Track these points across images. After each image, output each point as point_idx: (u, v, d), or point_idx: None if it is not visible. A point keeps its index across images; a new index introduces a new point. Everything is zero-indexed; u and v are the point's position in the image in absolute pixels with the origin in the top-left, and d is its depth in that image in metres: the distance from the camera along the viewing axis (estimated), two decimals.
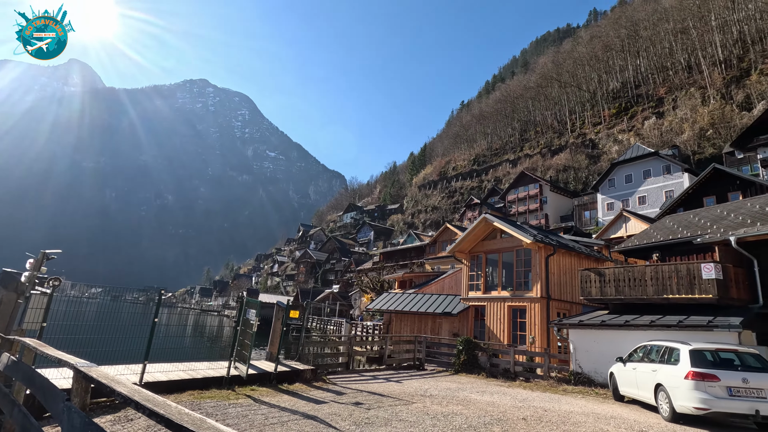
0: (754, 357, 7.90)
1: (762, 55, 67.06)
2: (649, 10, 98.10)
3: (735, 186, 29.99)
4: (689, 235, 13.98)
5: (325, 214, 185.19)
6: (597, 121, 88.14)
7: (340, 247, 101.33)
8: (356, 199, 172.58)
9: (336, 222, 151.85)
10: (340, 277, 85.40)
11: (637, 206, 49.29)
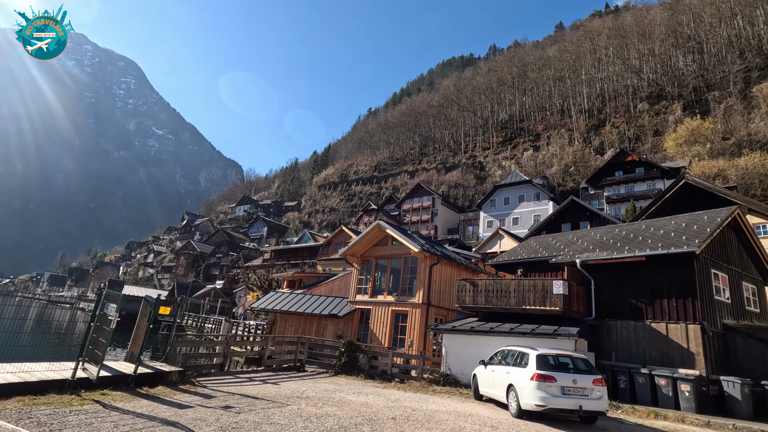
0: (583, 361, 9.47)
1: (615, 111, 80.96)
2: (537, 55, 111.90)
3: (586, 216, 35.40)
4: (546, 255, 16.19)
5: (216, 204, 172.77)
6: (486, 146, 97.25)
7: (228, 240, 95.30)
8: (252, 192, 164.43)
9: (227, 214, 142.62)
10: (226, 273, 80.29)
11: (512, 226, 55.43)
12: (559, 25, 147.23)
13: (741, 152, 51.47)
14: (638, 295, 13.39)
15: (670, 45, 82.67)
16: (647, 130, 70.81)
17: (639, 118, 74.48)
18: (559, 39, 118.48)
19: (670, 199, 22.98)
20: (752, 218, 20.89)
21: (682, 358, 12.03)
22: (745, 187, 44.83)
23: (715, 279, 13.19)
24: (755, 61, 68.75)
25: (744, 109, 61.27)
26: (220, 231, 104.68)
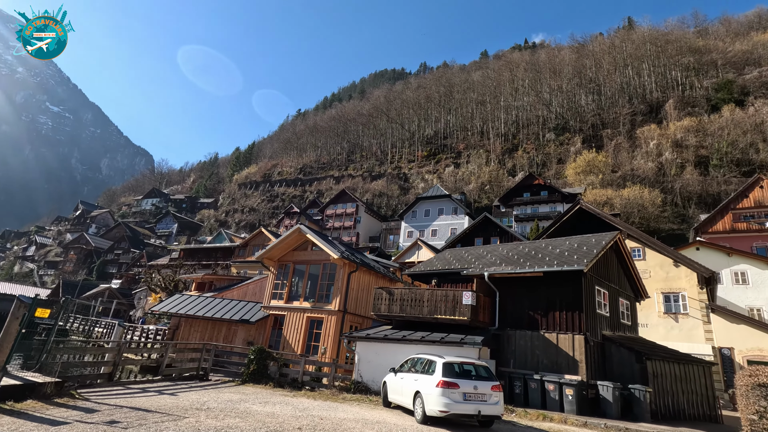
0: (484, 368, 10.13)
1: (527, 137, 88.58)
2: (463, 78, 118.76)
3: (496, 232, 38.02)
4: (459, 267, 17.11)
5: (119, 195, 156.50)
6: (412, 159, 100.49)
7: (131, 236, 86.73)
8: (163, 185, 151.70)
9: (132, 207, 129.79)
10: (125, 271, 72.84)
11: (430, 237, 57.68)
12: (484, 53, 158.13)
13: (625, 184, 59.22)
14: (536, 307, 14.69)
15: (575, 84, 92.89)
16: (552, 158, 78.44)
17: (546, 146, 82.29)
18: (483, 66, 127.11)
19: (567, 221, 25.65)
20: (630, 243, 24.07)
21: (569, 365, 13.41)
22: (627, 214, 51.58)
23: (598, 295, 14.95)
24: (640, 107, 79.90)
25: (629, 148, 70.71)
26: (121, 225, 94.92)
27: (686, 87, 79.73)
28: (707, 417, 15.02)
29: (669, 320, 22.36)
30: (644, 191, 54.53)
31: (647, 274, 23.06)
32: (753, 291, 26.69)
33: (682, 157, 63.57)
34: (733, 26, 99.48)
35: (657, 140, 67.67)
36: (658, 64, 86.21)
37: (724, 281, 27.17)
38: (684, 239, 44.17)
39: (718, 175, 58.58)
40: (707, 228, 37.75)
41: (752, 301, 26.53)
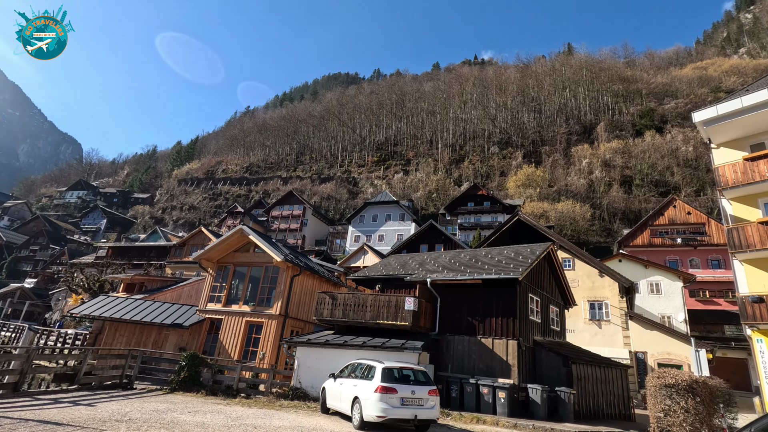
0: (422, 373, 10.33)
1: (473, 149, 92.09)
2: (415, 87, 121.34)
3: (441, 240, 39.04)
4: (403, 273, 17.35)
5: (39, 185, 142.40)
6: (362, 164, 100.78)
7: (50, 230, 79.08)
8: (92, 177, 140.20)
9: (54, 198, 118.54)
10: (42, 269, 66.25)
11: (377, 242, 58.01)
12: (436, 65, 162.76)
13: (560, 198, 63.30)
14: (474, 313, 15.23)
15: (519, 102, 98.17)
16: (496, 170, 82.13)
17: (490, 158, 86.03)
18: (434, 77, 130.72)
19: (507, 231, 26.94)
20: (562, 253, 25.72)
21: (502, 369, 14.01)
22: (560, 227, 55.08)
23: (531, 302, 15.81)
24: (575, 128, 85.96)
25: (565, 164, 75.76)
26: (39, 218, 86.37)
27: (615, 112, 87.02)
28: (623, 416, 16.33)
29: (593, 326, 24.12)
30: (576, 206, 58.59)
31: (576, 283, 24.74)
32: (665, 300, 29.52)
33: (609, 175, 69.14)
34: (656, 60, 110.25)
35: (589, 159, 73.10)
36: (592, 89, 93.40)
37: (642, 291, 29.81)
38: (609, 251, 47.94)
39: (639, 194, 64.34)
40: (629, 242, 41.27)
41: (664, 309, 29.32)
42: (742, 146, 17.37)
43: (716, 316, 34.35)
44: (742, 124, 16.87)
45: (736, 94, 17.78)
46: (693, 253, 38.58)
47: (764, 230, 15.27)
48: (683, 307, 29.04)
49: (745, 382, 28.75)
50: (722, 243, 35.65)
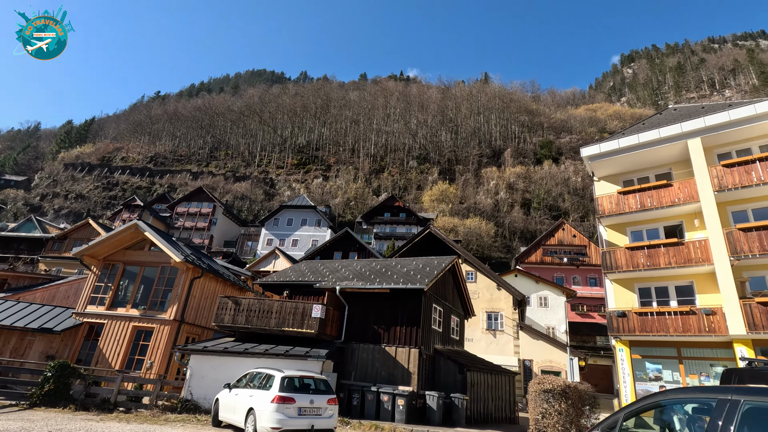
0: (323, 382, 10.20)
1: (393, 162, 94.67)
2: (341, 95, 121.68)
3: (355, 248, 39.21)
4: (313, 279, 17.09)
5: None
6: (281, 165, 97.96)
7: None
8: None
9: None
10: None
11: (290, 247, 56.54)
12: (363, 76, 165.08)
13: (469, 215, 67.58)
14: (380, 322, 15.48)
15: (439, 121, 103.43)
16: (413, 184, 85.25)
17: (409, 172, 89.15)
18: (361, 87, 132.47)
19: (418, 243, 27.98)
20: (466, 267, 27.39)
21: (403, 377, 14.39)
22: (467, 241, 58.71)
23: (435, 312, 16.53)
24: (486, 151, 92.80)
25: (475, 184, 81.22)
26: None
27: (521, 140, 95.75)
28: (508, 419, 17.71)
29: (489, 336, 25.94)
30: (483, 223, 63.01)
31: (477, 295, 26.46)
32: (551, 312, 32.85)
33: (512, 197, 75.61)
34: (556, 98, 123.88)
35: (496, 180, 79.29)
36: (503, 117, 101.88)
37: (532, 304, 32.85)
38: (508, 266, 52.20)
39: (536, 216, 71.21)
40: (525, 259, 45.33)
41: (549, 321, 32.60)
42: (617, 181, 20.14)
43: (591, 328, 39.09)
44: (617, 162, 19.58)
45: (615, 136, 20.63)
46: (576, 272, 43.58)
47: (630, 254, 17.79)
48: (565, 320, 32.57)
49: (610, 385, 32.99)
50: (599, 264, 40.83)
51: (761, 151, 16.55)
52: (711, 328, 14.99)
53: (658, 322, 16.19)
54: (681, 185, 17.26)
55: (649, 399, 3.47)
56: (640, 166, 19.47)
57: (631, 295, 17.78)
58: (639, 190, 18.29)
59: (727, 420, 2.59)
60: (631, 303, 17.57)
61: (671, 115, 21.00)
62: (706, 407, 2.91)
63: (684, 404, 3.55)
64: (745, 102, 18.28)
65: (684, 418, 3.56)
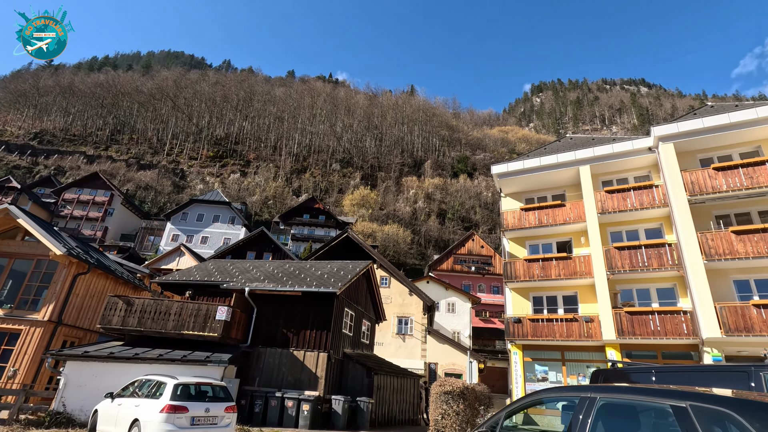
0: (222, 389, 9.61)
1: (316, 163, 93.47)
2: (266, 89, 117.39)
3: (270, 248, 37.83)
4: (220, 280, 16.12)
5: None
6: (194, 156, 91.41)
7: None
8: None
9: None
10: None
11: (199, 244, 52.86)
12: (291, 73, 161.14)
13: (388, 221, 69.02)
14: (290, 325, 15.07)
15: (364, 127, 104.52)
16: (335, 187, 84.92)
17: (331, 174, 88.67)
18: (288, 84, 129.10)
19: (336, 247, 27.84)
20: (381, 272, 27.87)
21: (310, 382, 14.14)
22: (384, 247, 59.87)
23: (346, 316, 16.54)
24: (408, 160, 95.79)
25: (395, 191, 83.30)
26: None
27: (441, 153, 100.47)
28: (412, 421, 18.27)
29: (399, 340, 26.62)
30: (400, 230, 64.75)
31: (389, 300, 27.03)
32: (457, 318, 34.72)
33: (430, 207, 78.87)
34: (474, 117, 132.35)
35: (415, 190, 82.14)
36: (425, 129, 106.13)
37: (441, 309, 34.42)
38: (422, 273, 54.17)
39: (450, 226, 75.03)
40: (437, 266, 47.43)
41: (455, 326, 34.42)
42: (521, 198, 22.02)
43: (492, 332, 42.02)
44: (522, 181, 21.42)
45: (521, 158, 22.56)
46: (482, 280, 46.64)
47: (527, 266, 19.51)
48: (469, 325, 34.64)
49: (506, 386, 35.70)
50: (501, 273, 44.18)
51: (635, 181, 19.24)
52: (589, 333, 16.97)
53: (547, 328, 17.91)
54: (572, 206, 19.38)
55: (524, 399, 3.81)
56: (541, 186, 21.50)
57: (527, 303, 19.48)
58: (538, 208, 20.16)
59: (586, 415, 2.94)
60: (526, 310, 19.23)
61: (568, 143, 23.55)
62: (572, 404, 3.24)
63: (557, 402, 3.92)
64: (625, 138, 21.15)
65: (560, 413, 3.95)
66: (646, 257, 16.80)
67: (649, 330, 15.79)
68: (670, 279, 16.72)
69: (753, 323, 13.84)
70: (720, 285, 15.34)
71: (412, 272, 54.36)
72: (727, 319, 14.16)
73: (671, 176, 16.98)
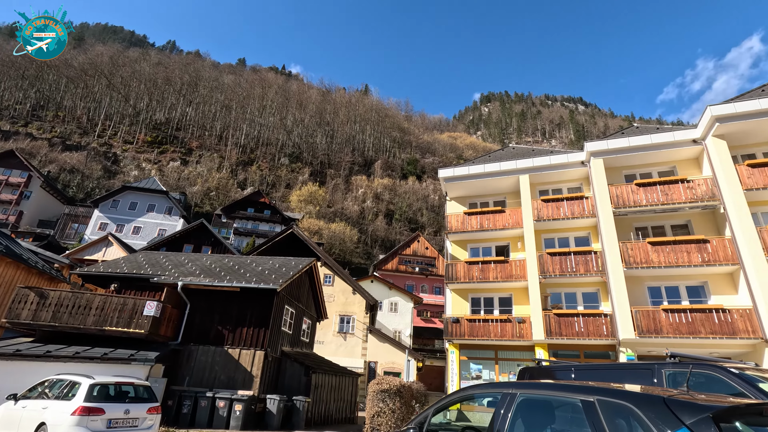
0: (145, 389, 9.00)
1: (264, 156, 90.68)
2: (214, 75, 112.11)
3: (210, 242, 36.12)
4: (151, 273, 15.13)
5: None
6: (130, 140, 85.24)
7: None
8: None
9: None
10: None
11: (131, 235, 49.39)
12: (242, 61, 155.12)
13: (335, 219, 68.52)
14: (226, 322, 14.47)
15: (316, 123, 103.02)
16: (283, 181, 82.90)
17: (279, 169, 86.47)
18: (238, 72, 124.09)
19: (280, 242, 27.16)
20: (325, 270, 27.59)
21: (244, 381, 13.66)
22: (330, 245, 59.37)
23: (286, 313, 16.17)
24: (358, 159, 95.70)
25: (344, 189, 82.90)
26: None
27: (391, 154, 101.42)
28: (348, 420, 18.23)
29: (340, 338, 26.49)
30: (347, 228, 64.54)
31: (332, 298, 26.82)
32: (400, 317, 35.18)
33: (378, 207, 79.33)
34: (426, 122, 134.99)
35: (364, 189, 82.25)
36: (377, 129, 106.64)
37: (384, 308, 34.71)
38: (367, 272, 54.32)
39: (397, 226, 75.93)
40: (382, 266, 47.79)
41: (397, 325, 34.87)
42: (465, 203, 22.74)
43: (432, 332, 43.05)
44: (467, 186, 22.14)
45: (467, 164, 23.32)
46: (425, 281, 47.65)
47: (467, 268, 20.18)
48: (411, 324, 35.24)
49: (443, 385, 36.73)
50: (443, 275, 45.45)
51: (569, 192, 20.57)
52: (521, 333, 17.88)
53: (483, 328, 18.64)
54: (511, 212, 20.33)
55: (451, 396, 3.92)
56: (484, 192, 22.35)
57: (466, 303, 20.15)
58: (480, 213, 20.94)
59: (507, 410, 3.07)
60: (464, 311, 19.89)
61: (510, 152, 24.69)
62: (497, 400, 3.37)
63: (483, 398, 4.07)
64: (562, 151, 22.55)
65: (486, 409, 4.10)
66: (575, 263, 18.01)
67: (574, 331, 16.94)
68: (594, 284, 18.05)
69: (662, 326, 15.30)
70: (636, 291, 16.80)
71: (357, 271, 54.37)
72: (640, 322, 15.54)
73: (600, 189, 18.34)
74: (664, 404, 2.21)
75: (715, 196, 16.41)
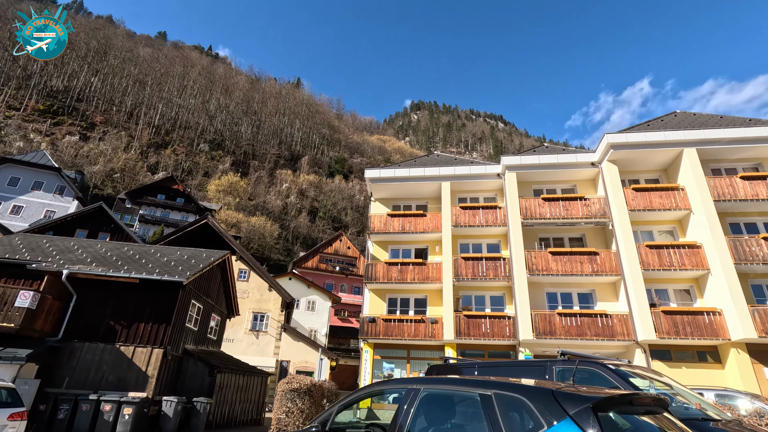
0: (9, 392, 7.74)
1: (181, 139, 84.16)
2: (128, 46, 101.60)
3: (109, 228, 32.50)
4: (30, 259, 13.15)
5: None
6: (17, 107, 74.01)
7: None
8: None
9: None
10: None
11: (8, 215, 42.89)
12: (162, 34, 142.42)
13: (256, 213, 65.74)
14: (120, 317, 13.05)
15: (242, 111, 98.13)
16: (200, 169, 77.63)
17: (198, 155, 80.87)
18: (156, 45, 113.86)
19: (192, 233, 25.28)
20: (240, 265, 26.26)
21: (137, 382, 12.42)
22: (249, 239, 56.83)
23: (192, 309, 15.05)
24: (285, 153, 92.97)
25: (268, 183, 79.95)
26: None
27: (319, 151, 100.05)
28: (254, 421, 17.46)
29: (252, 336, 25.37)
30: (268, 223, 62.28)
31: (246, 294, 25.61)
32: (317, 316, 34.67)
33: (302, 203, 77.69)
34: (356, 122, 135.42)
35: (289, 184, 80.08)
36: (307, 125, 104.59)
37: (301, 307, 33.97)
38: (285, 269, 52.83)
39: (320, 224, 74.98)
40: (302, 263, 46.80)
41: (314, 324, 34.33)
42: (389, 205, 23.09)
43: (348, 331, 43.09)
44: (391, 188, 22.50)
45: (393, 167, 23.71)
46: (345, 280, 47.57)
47: (387, 268, 20.49)
48: (328, 323, 34.91)
49: (356, 384, 36.89)
50: (363, 275, 45.77)
51: (485, 201, 21.85)
52: (433, 334, 18.56)
53: (398, 328, 19.03)
54: (432, 217, 21.06)
55: (355, 393, 3.87)
56: (408, 195, 22.89)
57: (383, 303, 20.43)
58: (402, 215, 21.40)
59: (410, 405, 3.08)
60: (381, 310, 20.15)
61: (435, 159, 25.61)
62: (401, 395, 3.37)
63: (389, 394, 4.06)
64: (482, 163, 23.92)
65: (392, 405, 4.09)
66: (486, 268, 19.16)
67: (481, 332, 17.98)
68: (501, 288, 19.35)
69: (556, 328, 16.85)
70: (537, 296, 18.33)
71: (276, 268, 52.65)
72: (538, 324, 16.96)
73: (512, 201, 19.74)
74: (552, 396, 2.36)
75: (606, 214, 18.51)
